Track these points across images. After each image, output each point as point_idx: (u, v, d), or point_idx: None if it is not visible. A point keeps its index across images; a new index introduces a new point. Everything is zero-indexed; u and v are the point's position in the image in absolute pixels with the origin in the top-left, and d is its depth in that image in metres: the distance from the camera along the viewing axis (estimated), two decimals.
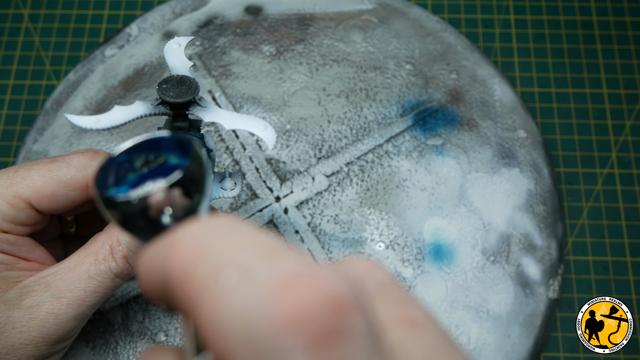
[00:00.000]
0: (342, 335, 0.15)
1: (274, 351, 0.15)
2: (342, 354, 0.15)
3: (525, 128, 0.56)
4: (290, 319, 0.15)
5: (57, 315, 0.37)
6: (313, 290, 0.15)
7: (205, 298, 0.16)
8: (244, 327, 0.15)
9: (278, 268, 0.16)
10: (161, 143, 0.26)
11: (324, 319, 0.15)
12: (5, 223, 0.37)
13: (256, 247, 0.17)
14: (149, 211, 0.24)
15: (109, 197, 0.24)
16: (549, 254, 0.52)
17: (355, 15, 0.60)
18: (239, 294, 0.16)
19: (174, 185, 0.24)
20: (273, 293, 0.15)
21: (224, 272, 0.16)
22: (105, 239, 0.38)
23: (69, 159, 0.39)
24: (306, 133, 0.55)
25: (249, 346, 0.15)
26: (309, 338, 0.15)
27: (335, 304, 0.15)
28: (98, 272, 0.37)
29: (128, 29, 0.60)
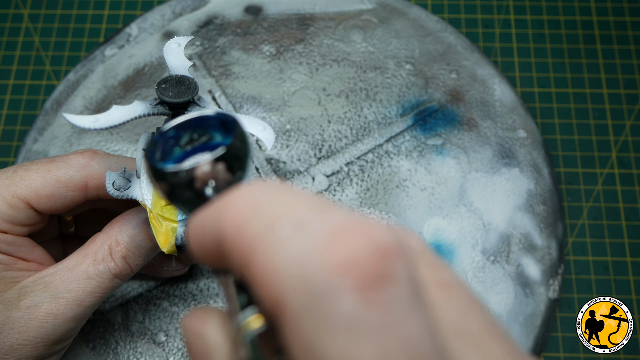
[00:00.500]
0: (387, 280, 0.16)
1: (326, 292, 0.16)
2: (386, 296, 0.16)
3: (525, 128, 0.56)
4: (341, 263, 0.16)
5: (55, 316, 0.37)
6: (362, 239, 0.17)
7: (261, 248, 0.17)
8: (299, 271, 0.17)
9: (329, 219, 0.18)
10: (207, 121, 0.28)
11: (371, 265, 0.16)
12: (3, 223, 0.37)
13: (307, 202, 0.18)
14: (194, 183, 0.25)
15: (159, 168, 0.26)
16: (549, 254, 0.52)
17: (355, 15, 0.60)
18: (293, 243, 0.17)
19: (219, 159, 0.25)
20: (325, 241, 0.17)
21: (278, 224, 0.18)
22: (104, 240, 0.38)
23: (68, 159, 0.39)
24: (306, 133, 0.55)
25: (303, 288, 0.16)
26: (358, 281, 0.16)
27: (382, 252, 0.17)
28: (97, 273, 0.37)
29: (128, 29, 0.60)
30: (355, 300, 0.16)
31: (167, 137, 0.28)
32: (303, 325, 0.16)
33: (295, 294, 0.16)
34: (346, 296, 0.16)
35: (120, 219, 0.39)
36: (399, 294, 0.16)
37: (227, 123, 0.28)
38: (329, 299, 0.16)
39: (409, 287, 0.17)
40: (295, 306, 0.16)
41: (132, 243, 0.38)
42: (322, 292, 0.16)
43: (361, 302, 0.16)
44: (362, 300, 0.16)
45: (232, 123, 0.27)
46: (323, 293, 0.16)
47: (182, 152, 0.28)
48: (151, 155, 0.27)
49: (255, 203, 0.19)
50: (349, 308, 0.16)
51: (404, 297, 0.16)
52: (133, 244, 0.38)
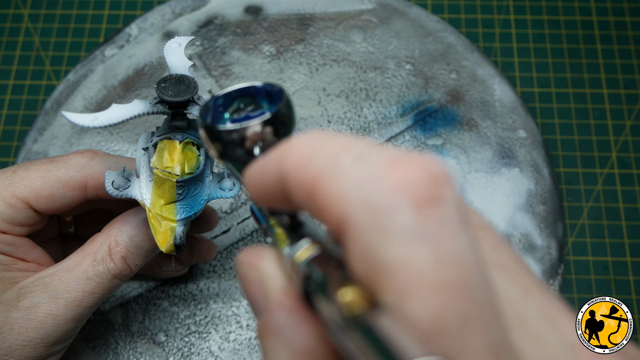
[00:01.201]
0: (439, 201, 0.18)
1: (386, 207, 0.18)
2: (439, 213, 0.18)
3: (525, 128, 0.56)
4: (400, 185, 0.18)
5: (55, 317, 0.37)
6: (417, 167, 0.19)
7: (325, 177, 0.19)
8: (362, 192, 0.19)
9: (386, 152, 0.20)
10: (255, 90, 0.30)
11: (426, 187, 0.18)
12: (3, 223, 0.37)
13: (363, 141, 0.21)
14: (245, 142, 0.27)
15: (214, 127, 0.28)
16: (549, 254, 0.52)
17: (355, 15, 0.60)
18: (355, 171, 0.19)
19: (267, 123, 0.27)
20: (384, 168, 0.19)
21: (340, 156, 0.20)
22: (104, 240, 0.38)
23: (68, 159, 0.39)
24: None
25: (366, 206, 0.18)
26: (415, 199, 0.18)
27: (435, 177, 0.19)
28: (96, 273, 0.37)
29: (128, 29, 0.60)
30: (412, 214, 0.18)
31: (217, 104, 0.30)
32: (366, 236, 0.18)
33: (359, 211, 0.18)
34: (404, 210, 0.18)
35: (120, 220, 0.39)
36: (449, 213, 0.18)
37: (273, 93, 0.30)
38: (390, 213, 0.18)
39: (457, 209, 0.19)
40: (359, 220, 0.18)
41: (131, 243, 0.38)
42: (383, 208, 0.18)
43: (417, 216, 0.18)
44: (418, 214, 0.18)
45: (279, 93, 0.29)
46: (384, 208, 0.18)
47: (231, 118, 0.30)
48: (204, 117, 0.29)
49: (316, 143, 0.21)
50: (407, 219, 0.18)
51: (453, 216, 0.18)
52: (132, 244, 0.38)
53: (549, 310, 0.22)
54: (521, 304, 0.22)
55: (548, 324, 0.22)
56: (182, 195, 0.37)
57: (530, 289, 0.22)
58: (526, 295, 0.22)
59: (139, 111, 0.36)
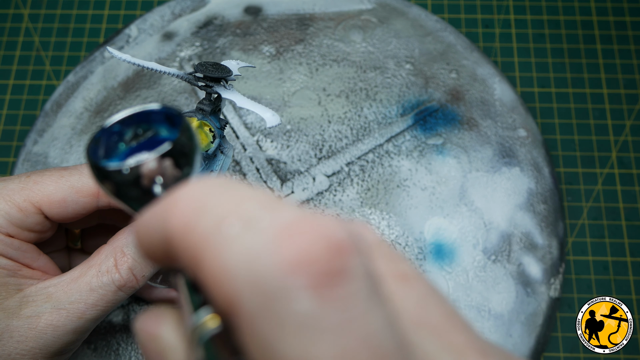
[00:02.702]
0: (342, 276, 0.16)
1: (279, 291, 0.16)
2: (343, 293, 0.16)
3: (525, 127, 0.56)
4: (294, 261, 0.16)
5: (55, 327, 0.36)
6: (314, 235, 0.16)
7: (209, 248, 0.17)
8: (250, 270, 0.16)
9: (279, 216, 0.17)
10: (151, 116, 0.27)
11: (325, 261, 0.16)
12: (12, 227, 0.37)
13: (255, 200, 0.18)
14: (141, 180, 0.24)
15: (101, 167, 0.25)
16: (550, 253, 0.52)
17: (355, 15, 0.60)
18: (242, 241, 0.17)
19: (165, 155, 0.24)
20: (276, 238, 0.16)
21: (226, 223, 0.17)
22: (109, 252, 0.38)
23: (81, 168, 0.39)
24: (306, 133, 0.55)
25: (256, 288, 0.16)
26: (313, 278, 0.16)
27: (336, 247, 0.16)
28: (100, 285, 0.37)
29: (127, 30, 0.60)
30: (310, 299, 0.16)
31: (110, 133, 0.27)
32: (259, 326, 0.16)
33: (249, 294, 0.16)
34: (301, 295, 0.16)
35: (126, 230, 0.39)
36: (356, 289, 0.16)
37: (172, 117, 0.27)
38: (284, 298, 0.16)
39: (365, 281, 0.16)
40: (250, 306, 0.16)
41: (138, 254, 0.38)
42: (276, 292, 0.16)
43: (317, 300, 0.16)
44: (317, 298, 0.16)
45: (178, 117, 0.26)
46: (277, 292, 0.16)
47: (127, 149, 0.27)
48: (93, 153, 0.26)
49: (202, 201, 0.18)
50: (305, 306, 0.16)
51: (361, 292, 0.16)
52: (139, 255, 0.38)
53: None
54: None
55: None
56: None
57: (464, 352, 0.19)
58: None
59: (173, 72, 0.37)
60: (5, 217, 0.37)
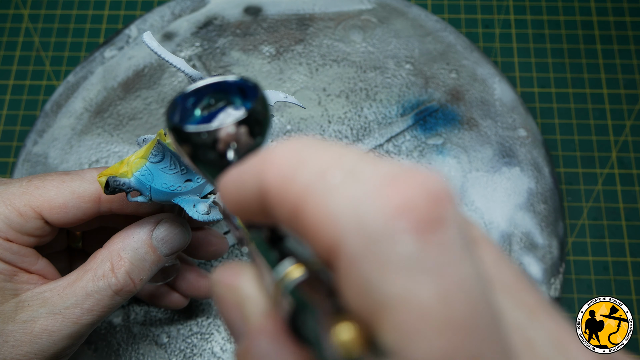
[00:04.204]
0: (441, 223, 0.17)
1: (384, 234, 0.16)
2: (442, 238, 0.17)
3: (525, 127, 0.56)
4: (398, 207, 0.17)
5: (50, 332, 0.36)
6: (416, 185, 0.17)
7: (313, 196, 0.18)
8: (355, 215, 0.17)
9: (380, 168, 0.18)
10: (226, 86, 0.28)
11: (427, 208, 0.17)
12: (11, 231, 0.37)
13: (354, 153, 0.19)
14: (217, 144, 0.26)
15: (182, 129, 0.26)
16: (550, 253, 0.52)
17: (355, 15, 0.60)
18: (347, 189, 0.17)
19: (241, 123, 0.26)
20: (380, 186, 0.17)
21: (329, 172, 0.18)
22: (106, 255, 0.38)
23: (83, 173, 0.39)
24: (307, 133, 0.55)
25: (360, 230, 0.17)
26: (415, 223, 0.17)
27: (436, 196, 0.17)
28: (96, 289, 0.37)
29: (127, 30, 0.60)
30: (413, 241, 0.16)
31: (187, 100, 0.28)
32: (361, 266, 0.17)
33: (353, 237, 0.17)
34: (405, 237, 0.16)
35: (122, 234, 0.38)
36: (453, 237, 0.17)
37: (246, 88, 0.28)
38: (388, 240, 0.16)
39: (460, 231, 0.17)
40: (353, 248, 0.17)
41: (135, 257, 0.37)
42: (380, 234, 0.16)
43: (419, 243, 0.16)
44: (420, 241, 0.16)
45: (253, 89, 0.28)
46: (381, 235, 0.16)
47: (202, 115, 0.28)
48: (171, 116, 0.28)
49: (300, 155, 0.19)
50: (408, 248, 0.16)
51: (457, 239, 0.17)
52: (137, 257, 0.37)
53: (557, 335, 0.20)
54: (528, 328, 0.20)
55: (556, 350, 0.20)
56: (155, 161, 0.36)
57: (535, 311, 0.21)
58: (532, 318, 0.20)
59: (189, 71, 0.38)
60: (4, 222, 0.37)
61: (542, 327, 0.20)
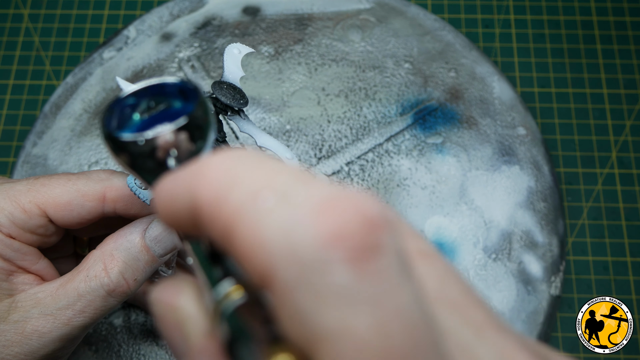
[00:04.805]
0: (377, 251, 0.16)
1: (317, 263, 0.16)
2: (378, 266, 0.16)
3: (524, 125, 0.56)
4: (332, 235, 0.16)
5: (41, 334, 0.36)
6: (350, 210, 0.17)
7: (244, 220, 0.17)
8: (287, 242, 0.16)
9: (314, 191, 0.17)
10: (165, 88, 0.27)
11: (361, 235, 0.16)
12: (14, 227, 0.37)
13: (288, 173, 0.18)
14: (156, 152, 0.25)
15: (117, 137, 0.25)
16: (551, 251, 0.52)
17: (353, 14, 0.60)
18: (278, 214, 0.17)
19: (181, 129, 0.25)
20: (313, 212, 0.17)
21: (261, 196, 0.17)
22: (98, 256, 0.37)
23: (89, 173, 0.39)
24: (306, 133, 0.55)
25: (293, 260, 0.16)
26: (349, 252, 0.16)
27: (371, 222, 0.17)
28: (88, 290, 0.36)
29: (126, 31, 0.60)
30: (348, 271, 0.16)
31: (124, 104, 0.27)
32: (295, 297, 0.16)
33: (285, 265, 0.16)
34: (339, 267, 0.16)
35: (114, 235, 0.38)
36: (390, 264, 0.17)
37: (186, 91, 0.27)
38: (322, 270, 0.16)
39: (397, 256, 0.17)
40: (286, 277, 0.16)
41: (129, 256, 0.37)
42: (313, 263, 0.16)
43: (354, 273, 0.16)
44: (355, 270, 0.16)
45: (193, 91, 0.27)
46: (315, 264, 0.16)
47: (141, 120, 0.27)
48: (107, 123, 0.26)
49: (233, 172, 0.18)
50: (343, 279, 0.16)
51: (394, 266, 0.17)
52: (130, 256, 0.37)
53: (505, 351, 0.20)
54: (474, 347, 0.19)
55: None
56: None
57: (482, 327, 0.20)
58: (479, 335, 0.20)
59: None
60: (8, 218, 0.37)
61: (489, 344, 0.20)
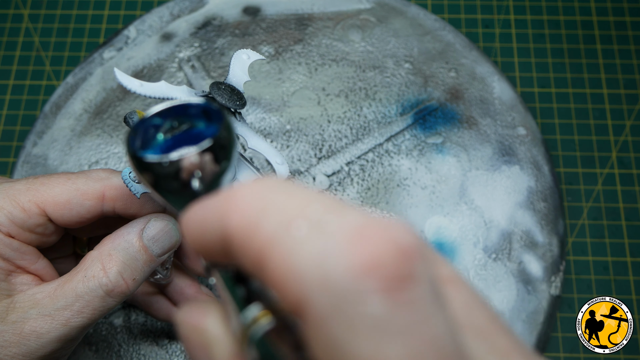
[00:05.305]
0: (411, 280, 0.16)
1: (351, 293, 0.16)
2: (411, 296, 0.16)
3: (524, 125, 0.56)
4: (366, 265, 0.16)
5: (38, 334, 0.36)
6: (384, 239, 0.17)
7: (277, 249, 0.17)
8: (320, 272, 0.16)
9: (347, 220, 0.17)
10: (189, 109, 0.28)
11: (395, 265, 0.16)
12: (13, 226, 0.37)
13: (320, 202, 0.18)
14: (180, 174, 0.25)
15: (141, 158, 0.25)
16: (551, 251, 0.52)
17: (354, 14, 0.60)
18: (312, 244, 0.17)
19: (205, 150, 0.25)
20: (346, 241, 0.17)
21: (293, 225, 0.17)
22: (96, 256, 0.37)
23: (89, 172, 0.39)
24: (306, 133, 0.55)
25: (326, 289, 0.16)
26: (384, 282, 0.16)
27: (404, 252, 0.17)
28: (86, 290, 0.36)
29: (126, 31, 0.60)
30: (382, 302, 0.16)
31: (148, 124, 0.27)
32: (329, 326, 0.16)
33: (319, 295, 0.16)
34: (373, 297, 0.16)
35: (112, 235, 0.38)
36: (423, 294, 0.17)
37: (210, 112, 0.27)
38: (356, 300, 0.16)
39: (430, 286, 0.17)
40: (319, 307, 0.16)
41: (127, 256, 0.37)
42: (347, 294, 0.16)
43: (388, 303, 0.16)
44: (389, 301, 0.16)
45: (217, 112, 0.27)
46: (349, 294, 0.16)
47: (164, 140, 0.28)
48: (132, 143, 0.27)
49: (265, 200, 0.19)
50: (377, 309, 0.16)
51: (427, 296, 0.17)
52: (128, 256, 0.37)
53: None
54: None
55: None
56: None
57: (508, 355, 0.20)
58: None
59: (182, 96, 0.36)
60: (7, 216, 0.37)
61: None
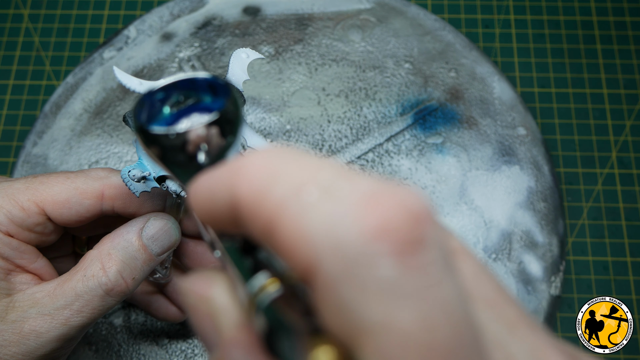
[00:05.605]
0: (422, 244, 0.16)
1: (362, 256, 0.16)
2: (423, 260, 0.16)
3: (525, 125, 0.56)
4: (378, 228, 0.16)
5: (38, 334, 0.36)
6: (395, 204, 0.17)
7: (288, 214, 0.17)
8: (332, 236, 0.16)
9: (358, 185, 0.17)
10: (195, 83, 0.28)
11: (407, 229, 0.16)
12: (12, 225, 0.37)
13: (331, 169, 0.18)
14: (187, 146, 0.25)
15: (147, 130, 0.25)
16: (551, 251, 0.52)
17: (354, 14, 0.60)
18: (323, 208, 0.17)
19: (212, 123, 0.25)
20: (358, 206, 0.17)
21: (304, 189, 0.17)
22: (95, 256, 0.37)
23: (88, 171, 0.39)
24: (306, 133, 0.55)
25: (337, 253, 0.16)
26: (395, 245, 0.16)
27: (416, 216, 0.17)
28: (86, 290, 0.36)
29: (126, 31, 0.60)
30: (394, 265, 0.16)
31: (154, 98, 0.27)
32: (339, 290, 0.16)
33: (330, 259, 0.16)
34: (385, 261, 0.16)
35: (112, 234, 0.38)
36: (434, 258, 0.17)
37: (216, 86, 0.28)
38: (367, 264, 0.16)
39: (441, 251, 0.17)
40: (330, 271, 0.16)
41: (126, 255, 0.37)
42: (359, 257, 0.16)
43: (400, 267, 0.16)
44: (400, 264, 0.16)
45: (224, 86, 0.27)
46: (360, 258, 0.16)
47: (170, 114, 0.28)
48: (138, 116, 0.27)
49: (275, 167, 0.18)
50: (388, 272, 0.16)
51: (438, 260, 0.17)
52: (128, 256, 0.37)
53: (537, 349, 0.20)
54: (509, 344, 0.20)
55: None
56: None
57: (516, 325, 0.20)
58: (512, 332, 0.20)
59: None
60: (6, 215, 0.37)
61: (522, 342, 0.20)
